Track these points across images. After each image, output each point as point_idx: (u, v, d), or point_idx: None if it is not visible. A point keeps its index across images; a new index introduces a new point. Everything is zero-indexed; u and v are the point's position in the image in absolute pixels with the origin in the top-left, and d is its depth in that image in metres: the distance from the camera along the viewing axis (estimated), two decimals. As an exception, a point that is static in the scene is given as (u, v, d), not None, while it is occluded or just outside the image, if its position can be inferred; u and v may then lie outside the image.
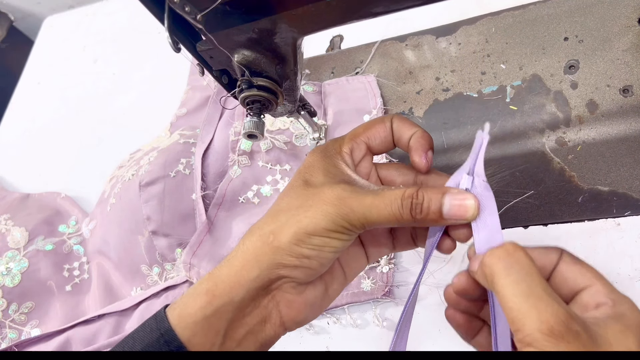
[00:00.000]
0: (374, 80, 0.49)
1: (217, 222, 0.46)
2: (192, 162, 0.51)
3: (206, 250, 0.45)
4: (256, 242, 0.29)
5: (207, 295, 0.29)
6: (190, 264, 0.44)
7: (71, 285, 0.51)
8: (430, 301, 0.38)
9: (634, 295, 0.33)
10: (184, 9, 0.24)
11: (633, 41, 0.40)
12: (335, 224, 0.29)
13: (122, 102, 0.65)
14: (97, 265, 0.51)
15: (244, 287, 0.29)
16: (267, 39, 0.28)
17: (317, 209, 0.29)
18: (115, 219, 0.50)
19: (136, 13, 0.73)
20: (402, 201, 0.28)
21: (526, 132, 0.41)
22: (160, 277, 0.47)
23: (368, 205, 0.28)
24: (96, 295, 0.49)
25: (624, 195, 0.36)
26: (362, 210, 0.28)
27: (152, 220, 0.48)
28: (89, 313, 0.48)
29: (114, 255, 0.49)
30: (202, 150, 0.50)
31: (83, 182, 0.60)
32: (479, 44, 0.46)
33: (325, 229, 0.29)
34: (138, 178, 0.51)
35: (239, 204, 0.47)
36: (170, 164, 0.51)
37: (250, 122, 0.32)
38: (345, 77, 0.51)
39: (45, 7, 0.91)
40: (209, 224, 0.46)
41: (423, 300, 0.39)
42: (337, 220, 0.28)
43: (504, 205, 0.39)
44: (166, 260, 0.47)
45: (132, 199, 0.50)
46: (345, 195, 0.28)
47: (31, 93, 0.75)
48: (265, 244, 0.29)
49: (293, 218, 0.29)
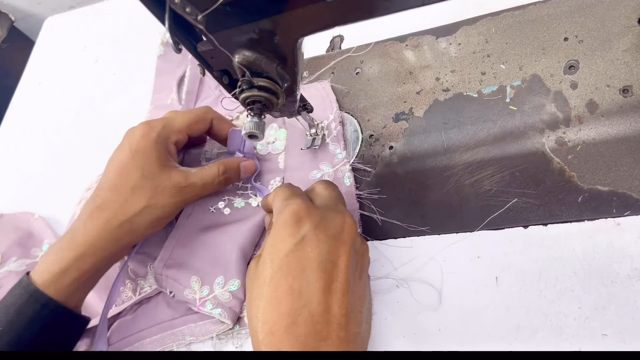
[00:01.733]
0: (328, 86, 0.50)
1: (188, 232, 0.46)
2: None
3: (177, 260, 0.45)
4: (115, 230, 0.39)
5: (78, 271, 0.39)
6: (163, 274, 0.44)
7: None
8: (395, 295, 0.38)
9: (634, 295, 0.33)
10: (184, 9, 0.24)
11: (633, 41, 0.40)
12: (179, 207, 0.43)
13: (123, 102, 0.65)
14: None
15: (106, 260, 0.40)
16: (268, 40, 0.28)
17: (164, 200, 0.40)
18: None
19: (137, 13, 0.73)
20: (219, 178, 0.43)
21: (526, 132, 0.41)
22: (134, 292, 0.47)
23: (199, 188, 0.42)
24: None
25: (623, 195, 0.36)
26: (194, 193, 0.42)
27: None
28: None
29: None
30: None
31: (83, 183, 0.60)
32: (479, 44, 0.46)
33: (172, 213, 0.42)
34: None
35: (210, 213, 0.47)
36: None
37: (251, 123, 0.32)
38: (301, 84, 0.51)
39: (46, 8, 0.92)
40: (178, 233, 0.46)
41: (388, 294, 0.39)
42: (180, 205, 0.42)
43: (504, 205, 0.39)
44: (139, 276, 0.47)
45: None
46: (182, 184, 0.41)
47: (32, 93, 0.75)
48: (124, 231, 0.40)
49: (146, 210, 0.40)
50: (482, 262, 0.38)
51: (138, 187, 0.40)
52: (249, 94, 0.31)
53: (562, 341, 0.34)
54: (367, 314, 0.33)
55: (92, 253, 0.39)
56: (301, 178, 0.46)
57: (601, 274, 0.35)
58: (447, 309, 0.37)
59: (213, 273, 0.43)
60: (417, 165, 0.43)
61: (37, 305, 0.38)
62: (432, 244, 0.40)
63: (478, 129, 0.43)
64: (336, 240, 0.32)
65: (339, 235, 0.32)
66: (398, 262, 0.40)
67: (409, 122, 0.46)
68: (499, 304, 0.36)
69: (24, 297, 0.38)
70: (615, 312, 0.33)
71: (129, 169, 0.40)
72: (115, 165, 0.41)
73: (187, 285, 0.43)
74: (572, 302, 0.34)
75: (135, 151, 0.40)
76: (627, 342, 0.32)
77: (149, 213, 0.40)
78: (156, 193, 0.40)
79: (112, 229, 0.39)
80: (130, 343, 0.45)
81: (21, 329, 0.37)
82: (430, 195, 0.42)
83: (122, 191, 0.40)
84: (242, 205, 0.47)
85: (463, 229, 0.40)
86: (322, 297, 0.30)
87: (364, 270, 0.35)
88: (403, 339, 0.38)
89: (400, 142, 0.45)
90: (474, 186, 0.40)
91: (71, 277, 0.39)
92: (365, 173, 0.45)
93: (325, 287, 0.30)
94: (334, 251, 0.32)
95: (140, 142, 0.40)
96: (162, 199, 0.40)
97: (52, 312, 0.38)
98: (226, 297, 0.42)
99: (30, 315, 0.37)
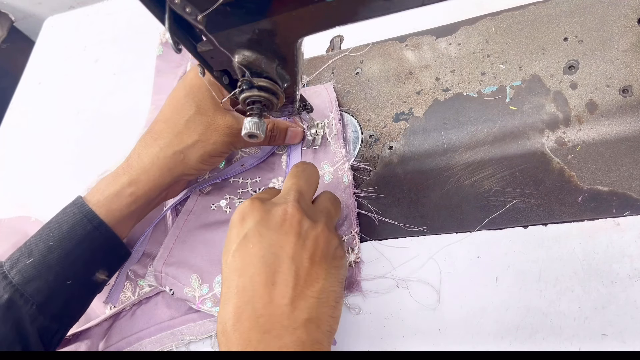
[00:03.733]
0: (330, 87, 0.50)
1: (188, 229, 0.46)
2: None
3: (177, 257, 0.45)
4: (169, 158, 0.41)
5: (131, 196, 0.41)
6: (162, 272, 0.44)
7: None
8: (395, 295, 0.38)
9: (634, 295, 0.33)
10: (184, 9, 0.24)
11: (633, 41, 0.40)
12: (228, 148, 0.43)
13: (123, 102, 0.65)
14: None
15: (158, 189, 0.42)
16: (268, 40, 0.28)
17: (216, 138, 0.41)
18: None
19: (137, 13, 0.73)
20: (268, 133, 0.45)
21: (526, 132, 0.41)
22: (133, 293, 0.47)
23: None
24: None
25: (623, 195, 0.36)
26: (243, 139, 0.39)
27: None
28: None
29: None
30: None
31: (83, 183, 0.60)
32: (479, 44, 0.46)
33: (222, 152, 0.42)
34: None
35: (210, 210, 0.47)
36: None
37: (251, 123, 0.32)
38: (303, 86, 0.52)
39: (46, 8, 0.92)
40: (179, 230, 0.46)
41: (388, 294, 0.39)
42: (229, 147, 0.42)
43: (503, 205, 0.39)
44: (138, 276, 0.47)
45: None
46: (234, 126, 0.41)
47: (32, 93, 0.75)
48: (177, 161, 0.41)
49: (199, 143, 0.41)
50: (482, 262, 0.38)
51: (192, 121, 0.40)
52: (249, 94, 0.31)
53: (562, 341, 0.34)
54: (325, 297, 0.32)
55: (145, 179, 0.41)
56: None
57: (601, 274, 0.35)
58: (447, 309, 0.37)
59: (213, 271, 0.43)
60: (417, 165, 0.43)
61: (90, 226, 0.39)
62: (432, 244, 0.40)
63: (478, 129, 0.43)
64: (278, 232, 0.32)
65: (280, 226, 0.33)
66: (397, 262, 0.40)
67: (408, 122, 0.46)
68: (499, 304, 0.36)
69: (78, 216, 0.39)
70: (615, 312, 0.33)
71: (183, 104, 0.41)
72: (171, 102, 0.42)
73: (186, 283, 0.43)
74: (572, 302, 0.34)
75: (190, 88, 0.41)
76: (627, 342, 0.32)
77: (201, 147, 0.41)
78: (209, 129, 0.41)
79: (166, 157, 0.41)
80: (130, 343, 0.45)
81: (71, 246, 0.39)
82: (429, 195, 0.42)
83: (176, 124, 0.41)
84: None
85: (463, 229, 0.40)
86: (264, 290, 0.31)
87: (324, 255, 0.33)
88: (403, 339, 0.38)
89: (400, 142, 0.45)
90: (474, 186, 0.40)
91: (124, 202, 0.40)
92: (365, 173, 0.45)
93: (267, 280, 0.31)
94: (276, 243, 0.32)
95: (195, 80, 0.41)
96: (213, 136, 0.41)
97: (102, 235, 0.40)
98: None
99: (81, 234, 0.39)
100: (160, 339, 0.44)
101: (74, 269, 0.39)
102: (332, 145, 0.46)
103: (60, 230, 0.39)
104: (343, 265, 0.35)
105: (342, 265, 0.35)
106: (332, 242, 0.34)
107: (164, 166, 0.41)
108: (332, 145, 0.46)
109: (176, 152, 0.40)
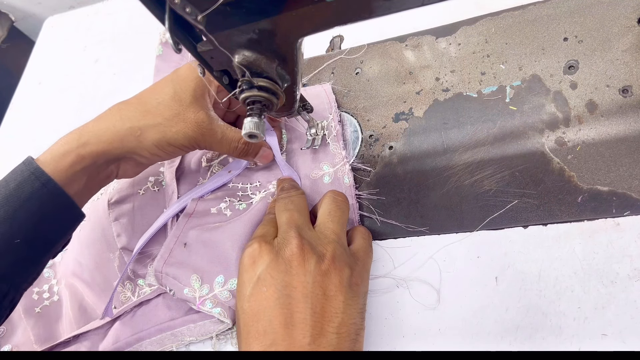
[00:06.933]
0: (329, 87, 0.50)
1: (188, 231, 0.46)
2: (161, 179, 0.52)
3: (178, 258, 0.45)
4: (125, 130, 0.39)
5: (77, 157, 0.39)
6: (163, 272, 0.44)
7: (40, 307, 0.51)
8: (395, 295, 0.38)
9: (634, 295, 0.33)
10: (184, 9, 0.24)
11: (633, 41, 0.40)
12: (190, 143, 0.41)
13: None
14: (69, 287, 0.50)
15: (106, 156, 0.40)
16: (268, 40, 0.28)
17: (180, 128, 0.40)
18: (85, 239, 0.51)
19: (137, 13, 0.73)
20: (238, 144, 0.43)
21: (526, 132, 0.41)
22: (133, 293, 0.47)
23: (217, 140, 0.41)
24: (70, 317, 0.49)
25: (623, 195, 0.36)
26: (210, 141, 0.41)
27: (123, 237, 0.49)
28: (64, 335, 0.48)
29: (87, 275, 0.49)
30: (174, 167, 0.52)
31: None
32: (479, 44, 0.46)
33: (182, 145, 0.41)
34: (106, 196, 0.51)
35: (211, 214, 0.47)
36: (138, 182, 0.52)
37: (251, 123, 0.32)
38: (303, 86, 0.52)
39: (46, 8, 0.92)
40: (180, 231, 0.46)
41: (388, 294, 0.39)
42: (192, 142, 0.41)
43: (503, 205, 0.39)
44: (138, 277, 0.47)
45: (101, 218, 0.51)
46: (204, 125, 0.40)
47: (32, 93, 0.75)
48: (132, 135, 0.39)
49: (160, 126, 0.39)
50: (482, 262, 0.38)
51: (163, 105, 0.40)
52: (249, 94, 0.31)
53: (562, 341, 0.34)
54: (345, 332, 0.32)
55: (95, 142, 0.39)
56: (302, 178, 0.46)
57: (601, 274, 0.35)
58: (447, 309, 0.37)
59: (213, 272, 0.43)
60: (417, 165, 0.43)
61: (37, 182, 0.38)
62: (432, 244, 0.40)
63: (478, 129, 0.43)
64: (287, 273, 0.33)
65: (289, 268, 0.33)
66: (398, 261, 0.40)
67: (408, 122, 0.46)
68: (499, 304, 0.36)
69: (25, 174, 0.38)
70: (615, 312, 0.33)
71: (162, 88, 0.41)
72: (154, 85, 0.42)
73: (187, 284, 0.43)
74: (572, 302, 0.34)
75: (176, 77, 0.41)
76: (627, 342, 0.32)
77: (161, 130, 0.40)
78: (176, 117, 0.40)
79: (123, 127, 0.40)
80: (130, 344, 0.45)
81: (18, 204, 0.37)
82: (429, 195, 0.42)
83: (147, 102, 0.40)
84: (244, 206, 0.47)
85: (463, 229, 0.40)
86: (284, 332, 0.31)
87: (338, 287, 0.33)
88: (403, 339, 0.38)
89: (400, 142, 0.45)
90: (474, 186, 0.40)
91: (70, 160, 0.39)
92: (365, 173, 0.45)
93: (286, 321, 0.31)
94: (289, 284, 0.32)
95: (183, 71, 0.41)
96: (178, 125, 0.40)
97: (50, 193, 0.38)
98: (226, 295, 0.42)
99: (28, 191, 0.37)
100: (160, 340, 0.44)
101: (22, 228, 0.37)
102: (332, 147, 0.46)
103: (7, 187, 0.38)
104: (360, 293, 0.35)
105: (359, 293, 0.35)
106: (344, 271, 0.34)
107: (116, 135, 0.39)
108: (332, 146, 0.46)
109: (134, 126, 0.40)
